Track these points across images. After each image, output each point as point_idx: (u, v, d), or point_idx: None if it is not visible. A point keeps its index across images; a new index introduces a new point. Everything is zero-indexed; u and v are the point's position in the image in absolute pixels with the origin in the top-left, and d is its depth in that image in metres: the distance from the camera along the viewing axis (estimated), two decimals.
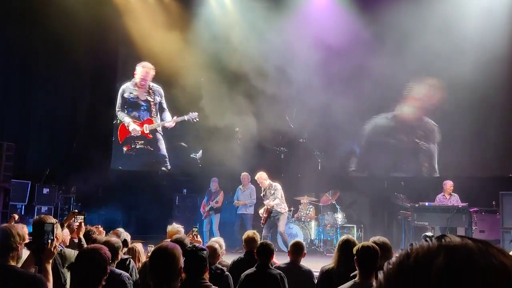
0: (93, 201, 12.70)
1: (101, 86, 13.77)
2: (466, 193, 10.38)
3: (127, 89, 14.00)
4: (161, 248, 3.02)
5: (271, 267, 4.80)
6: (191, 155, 13.76)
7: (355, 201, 12.46)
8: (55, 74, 12.72)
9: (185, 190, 13.29)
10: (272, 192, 10.03)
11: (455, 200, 10.25)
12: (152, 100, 14.01)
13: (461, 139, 11.67)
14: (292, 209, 11.46)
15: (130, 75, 14.11)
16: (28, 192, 11.96)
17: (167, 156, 14.01)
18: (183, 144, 13.90)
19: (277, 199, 9.95)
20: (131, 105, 14.05)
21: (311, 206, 11.75)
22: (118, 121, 14.03)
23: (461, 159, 11.78)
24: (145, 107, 14.04)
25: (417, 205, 10.19)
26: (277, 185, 10.13)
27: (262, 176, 10.19)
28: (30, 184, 12.02)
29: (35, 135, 13.38)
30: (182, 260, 2.96)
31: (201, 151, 13.65)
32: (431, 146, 12.27)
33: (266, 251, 4.78)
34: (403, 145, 12.37)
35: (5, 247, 3.40)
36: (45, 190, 12.15)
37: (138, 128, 13.92)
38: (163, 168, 13.99)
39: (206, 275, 3.52)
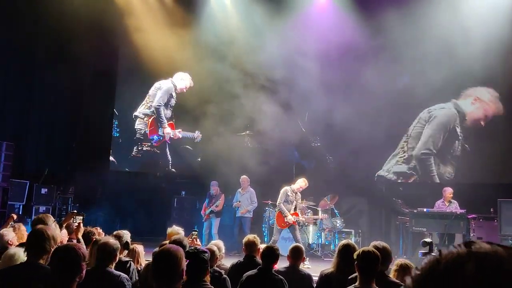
0: (91, 202, 12.68)
1: (101, 86, 13.75)
2: (465, 199, 10.39)
3: (172, 91, 14.01)
4: (164, 250, 3.02)
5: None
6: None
7: (353, 206, 12.46)
8: (55, 73, 12.68)
9: (183, 192, 13.28)
10: (299, 197, 10.11)
11: (454, 207, 10.25)
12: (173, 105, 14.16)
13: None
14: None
15: (130, 78, 14.10)
16: (27, 192, 11.93)
17: (170, 159, 14.02)
18: (188, 147, 13.91)
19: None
20: (168, 106, 14.06)
21: (309, 210, 11.74)
22: (154, 114, 13.99)
23: (460, 165, 11.83)
24: (172, 112, 14.12)
25: (415, 211, 10.19)
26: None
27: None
28: (28, 184, 12.00)
29: (35, 135, 13.36)
30: (184, 262, 2.96)
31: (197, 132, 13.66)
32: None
33: (272, 255, 4.78)
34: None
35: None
36: (44, 190, 12.12)
37: (169, 131, 13.97)
38: (172, 169, 13.99)
39: (207, 278, 3.52)
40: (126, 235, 6.20)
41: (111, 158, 13.95)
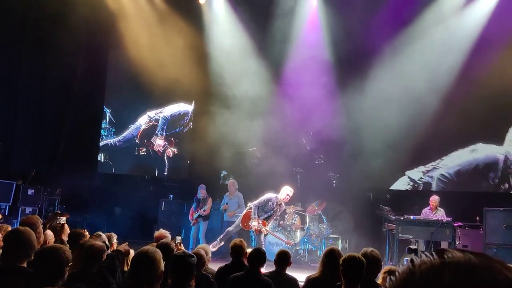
0: (78, 204, 12.60)
1: (89, 88, 13.70)
2: (451, 207, 10.48)
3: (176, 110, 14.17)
4: (142, 252, 3.04)
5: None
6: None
7: (341, 212, 12.51)
8: (42, 74, 12.63)
9: (171, 196, 13.26)
10: (278, 213, 9.99)
11: (440, 215, 10.32)
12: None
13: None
14: (278, 218, 11.48)
15: (119, 80, 14.09)
16: (13, 193, 11.83)
17: (167, 164, 14.02)
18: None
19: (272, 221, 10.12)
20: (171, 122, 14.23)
21: (296, 216, 11.77)
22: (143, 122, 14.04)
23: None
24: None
25: (401, 218, 10.24)
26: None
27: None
28: (15, 184, 11.90)
29: (21, 135, 13.26)
30: (162, 264, 2.98)
31: None
32: None
33: (259, 258, 4.81)
34: None
35: (18, 250, 3.38)
36: (30, 191, 12.02)
37: (160, 142, 14.03)
38: (164, 173, 14.01)
39: (193, 282, 3.53)
40: (113, 237, 6.20)
41: (100, 159, 13.93)
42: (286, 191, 9.51)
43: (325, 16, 12.70)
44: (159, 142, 13.91)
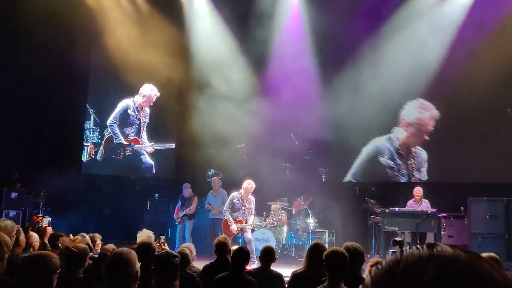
0: (63, 206, 12.48)
1: (72, 88, 13.56)
2: (436, 198, 10.56)
3: (131, 107, 13.89)
4: (116, 254, 3.01)
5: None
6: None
7: (327, 206, 12.54)
8: (23, 77, 12.47)
9: (157, 195, 13.20)
10: (251, 206, 9.83)
11: (425, 206, 10.40)
12: (143, 120, 13.95)
13: (433, 145, 12.01)
14: (265, 214, 11.50)
15: (102, 79, 13.99)
16: None
17: (153, 164, 13.94)
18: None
19: (252, 216, 9.89)
20: (126, 123, 13.93)
21: (283, 211, 11.78)
22: (107, 132, 13.88)
23: (429, 165, 12.05)
24: (137, 127, 13.96)
25: (387, 211, 10.29)
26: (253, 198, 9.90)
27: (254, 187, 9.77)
28: None
29: (3, 137, 13.09)
30: (138, 265, 2.96)
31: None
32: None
33: (242, 256, 4.80)
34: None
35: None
36: (13, 194, 11.89)
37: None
38: (152, 172, 13.97)
39: (177, 282, 3.51)
40: (97, 238, 6.15)
41: (84, 159, 13.84)
42: (244, 185, 9.65)
43: (306, 10, 12.71)
44: (148, 150, 13.82)
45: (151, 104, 13.84)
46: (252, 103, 12.37)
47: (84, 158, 13.91)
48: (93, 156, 13.91)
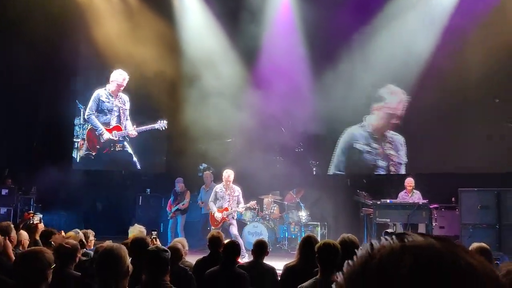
0: (54, 202, 12.43)
1: (62, 83, 13.49)
2: (426, 189, 10.61)
3: (103, 94, 13.77)
4: (107, 249, 3.01)
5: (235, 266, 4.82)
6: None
7: (319, 199, 12.57)
8: (12, 73, 12.36)
9: (148, 190, 13.16)
10: (236, 195, 9.81)
11: (416, 197, 10.44)
12: (122, 107, 13.82)
13: (420, 136, 12.06)
14: (257, 207, 11.50)
15: (91, 75, 13.92)
16: None
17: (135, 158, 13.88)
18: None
19: (241, 204, 9.89)
20: (103, 111, 13.81)
21: (275, 204, 11.79)
22: (87, 126, 13.79)
23: (420, 155, 12.10)
24: (117, 114, 13.84)
25: (378, 202, 10.33)
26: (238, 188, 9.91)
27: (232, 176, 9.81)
28: None
29: None
30: (128, 260, 2.95)
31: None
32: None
33: (233, 250, 4.81)
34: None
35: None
36: (4, 191, 11.80)
37: (108, 136, 13.72)
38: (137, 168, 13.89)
39: (167, 277, 3.51)
40: (90, 234, 6.13)
41: (76, 156, 13.77)
42: (224, 175, 9.77)
43: (296, 3, 12.69)
44: (106, 137, 13.68)
45: (121, 88, 13.72)
46: (243, 97, 12.35)
47: (75, 153, 13.84)
48: (84, 152, 13.83)
